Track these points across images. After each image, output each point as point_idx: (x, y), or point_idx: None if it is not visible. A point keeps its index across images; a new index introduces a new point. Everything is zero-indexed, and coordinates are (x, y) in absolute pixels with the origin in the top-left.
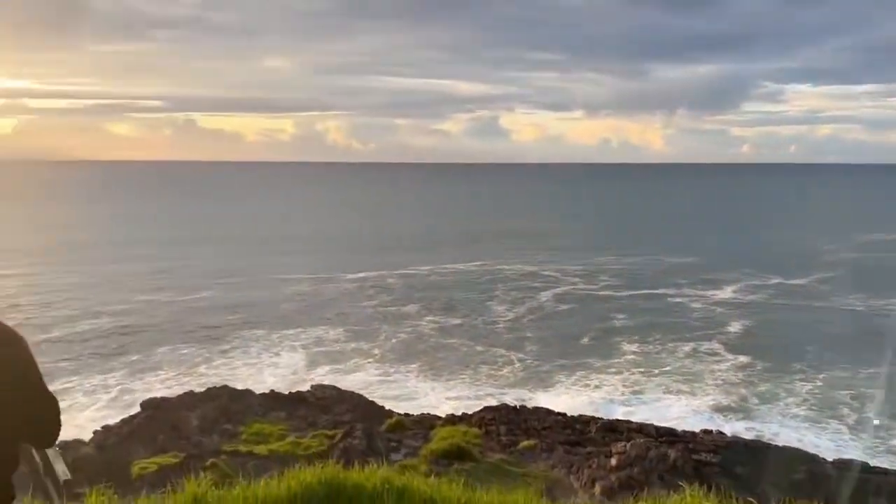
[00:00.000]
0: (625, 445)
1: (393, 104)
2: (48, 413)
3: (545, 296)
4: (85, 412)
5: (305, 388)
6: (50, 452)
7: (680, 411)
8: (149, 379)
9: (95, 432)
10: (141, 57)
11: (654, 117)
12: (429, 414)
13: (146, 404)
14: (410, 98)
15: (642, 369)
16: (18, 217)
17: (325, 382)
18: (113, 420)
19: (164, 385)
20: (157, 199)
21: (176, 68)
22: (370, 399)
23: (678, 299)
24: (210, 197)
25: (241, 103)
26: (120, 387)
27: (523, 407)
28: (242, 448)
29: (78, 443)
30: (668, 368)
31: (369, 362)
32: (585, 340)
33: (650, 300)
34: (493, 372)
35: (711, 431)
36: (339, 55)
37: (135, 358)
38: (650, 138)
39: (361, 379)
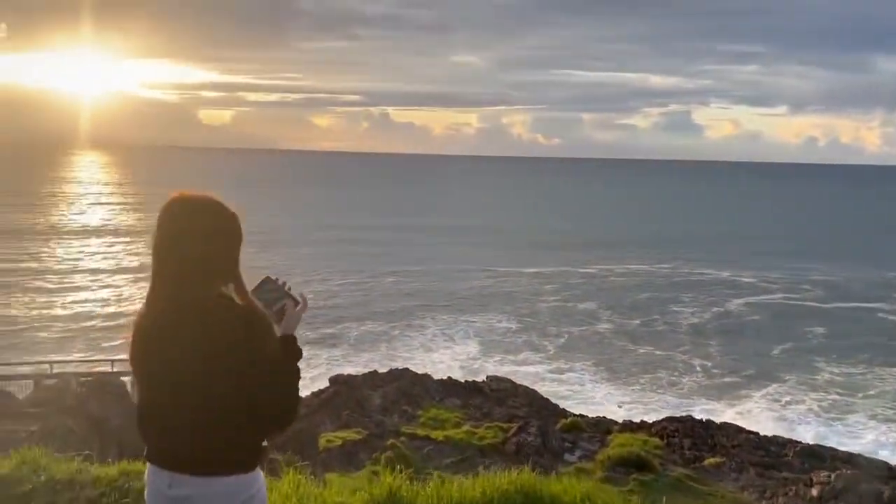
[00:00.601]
0: (829, 475)
1: (579, 98)
2: (285, 394)
3: (736, 303)
4: None
5: (479, 377)
6: None
7: (891, 443)
8: (334, 354)
9: None
10: (344, 53)
11: (871, 114)
12: (605, 417)
13: (334, 379)
14: (598, 92)
15: (844, 391)
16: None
17: (499, 374)
18: (304, 393)
19: (348, 361)
20: (358, 188)
21: (374, 64)
22: (544, 395)
23: (893, 317)
24: (401, 187)
25: (431, 98)
26: (312, 358)
27: (710, 421)
28: (420, 432)
29: None
30: (873, 392)
31: (542, 357)
32: (777, 353)
33: (859, 315)
34: (673, 378)
35: None
36: (527, 49)
37: (324, 332)
38: (865, 137)
39: (533, 372)
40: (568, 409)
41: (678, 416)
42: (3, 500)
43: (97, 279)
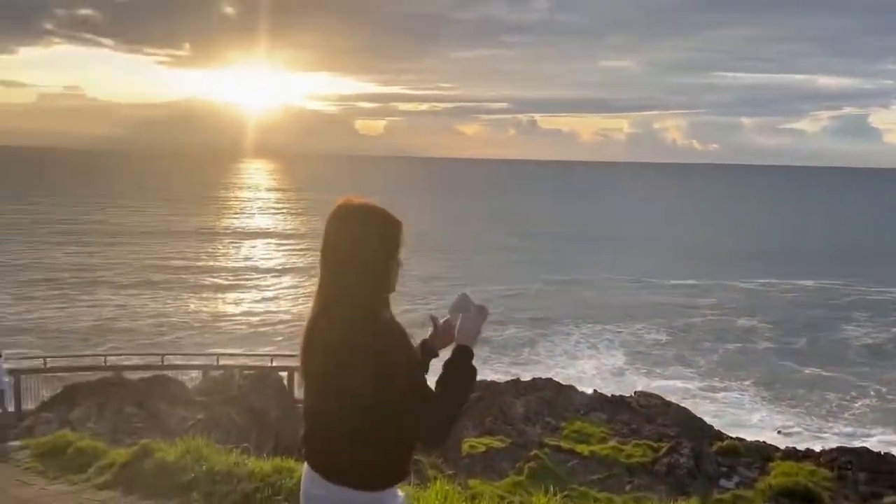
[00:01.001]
0: None
1: (739, 102)
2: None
3: None
4: None
5: (626, 390)
6: None
7: None
8: (477, 357)
9: None
10: (493, 62)
11: None
12: (764, 443)
13: (477, 384)
14: (760, 95)
15: None
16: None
17: (645, 387)
18: None
19: (489, 366)
20: (504, 195)
21: (522, 71)
22: (697, 415)
23: None
24: (547, 195)
25: (580, 103)
26: None
27: (890, 455)
28: (564, 444)
29: None
30: None
31: (694, 373)
32: None
33: None
34: (843, 403)
35: None
36: (683, 51)
37: None
38: None
39: (683, 388)
40: (723, 431)
41: (851, 446)
42: (167, 487)
43: (261, 280)
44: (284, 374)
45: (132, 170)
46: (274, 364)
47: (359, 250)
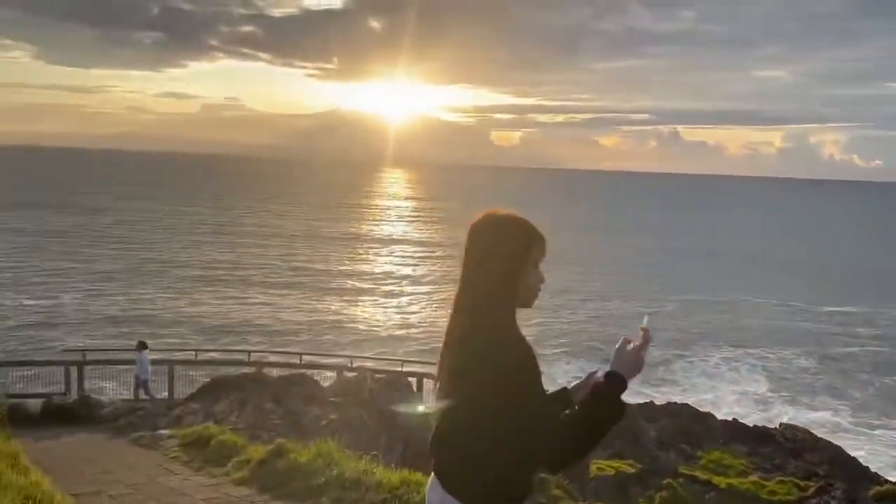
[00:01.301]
0: None
1: None
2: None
3: None
4: None
5: (769, 420)
6: None
7: None
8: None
9: None
10: (635, 72)
11: None
12: None
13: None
14: None
15: None
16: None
17: (793, 420)
18: None
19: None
20: (643, 208)
21: (665, 82)
22: (850, 454)
23: None
24: (690, 209)
25: (727, 115)
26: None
27: None
28: (700, 475)
29: None
30: None
31: (846, 405)
32: None
33: None
34: None
35: None
36: (846, 62)
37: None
38: None
39: (833, 422)
40: (880, 474)
41: None
42: (299, 489)
43: (396, 286)
44: (413, 379)
45: (283, 176)
46: (404, 369)
47: (492, 260)
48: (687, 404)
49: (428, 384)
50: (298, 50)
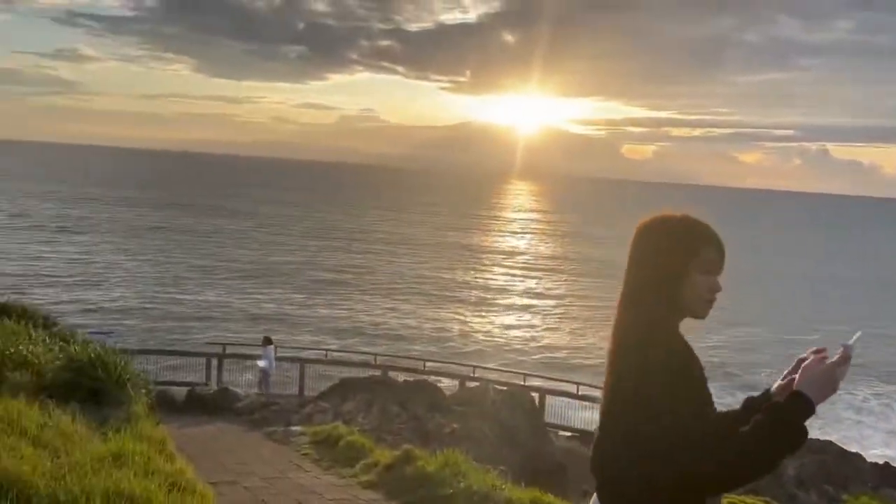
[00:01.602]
0: None
1: None
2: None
3: None
4: None
5: None
6: None
7: None
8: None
9: None
10: (779, 86)
11: None
12: None
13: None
14: None
15: None
16: None
17: None
18: None
19: None
20: (790, 229)
21: (814, 96)
22: None
23: None
24: (838, 231)
25: (885, 132)
26: None
27: None
28: None
29: None
30: None
31: None
32: None
33: None
34: None
35: None
36: None
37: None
38: None
39: None
40: None
41: None
42: (427, 497)
43: (519, 299)
44: (535, 395)
45: (414, 186)
46: (526, 383)
47: (649, 263)
48: (831, 441)
49: (551, 400)
50: (433, 63)
